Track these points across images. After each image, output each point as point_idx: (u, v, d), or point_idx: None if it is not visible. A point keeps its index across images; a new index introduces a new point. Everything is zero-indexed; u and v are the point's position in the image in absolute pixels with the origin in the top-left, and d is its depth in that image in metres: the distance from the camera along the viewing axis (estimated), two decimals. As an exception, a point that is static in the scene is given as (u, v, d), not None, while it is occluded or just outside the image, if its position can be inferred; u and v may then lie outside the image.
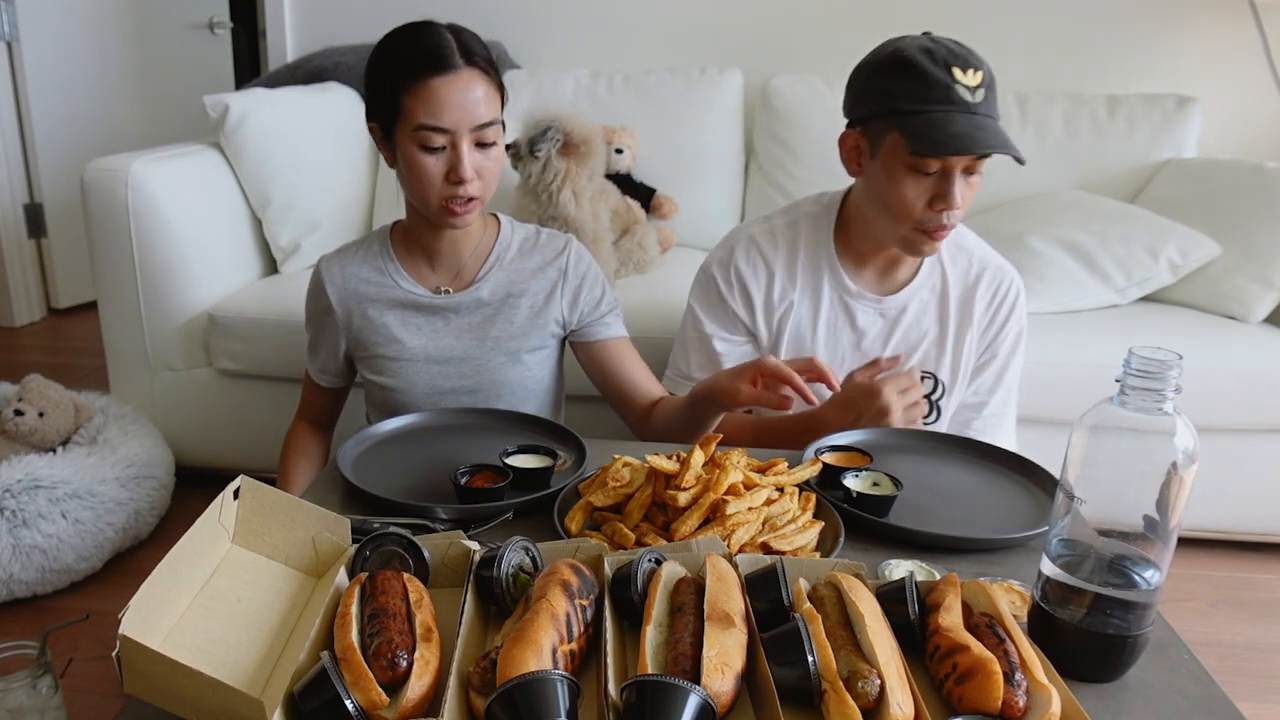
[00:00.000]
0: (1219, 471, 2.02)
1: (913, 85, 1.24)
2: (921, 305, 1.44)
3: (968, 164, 1.25)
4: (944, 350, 1.45)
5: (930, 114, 1.23)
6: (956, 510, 1.09)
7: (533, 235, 1.47)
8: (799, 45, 2.84)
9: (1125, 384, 0.76)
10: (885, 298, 1.44)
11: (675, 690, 0.65)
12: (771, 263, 1.46)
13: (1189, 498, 0.76)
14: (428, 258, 1.42)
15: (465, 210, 1.30)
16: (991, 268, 1.45)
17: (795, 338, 1.47)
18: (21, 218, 3.35)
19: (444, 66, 1.24)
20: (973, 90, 1.23)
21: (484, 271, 1.42)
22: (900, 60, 1.26)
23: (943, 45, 1.27)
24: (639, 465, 1.05)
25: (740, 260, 1.47)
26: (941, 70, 1.24)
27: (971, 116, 1.23)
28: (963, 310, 1.44)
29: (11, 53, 3.24)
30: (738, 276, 1.47)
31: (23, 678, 1.02)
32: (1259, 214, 2.20)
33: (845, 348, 1.46)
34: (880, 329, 1.45)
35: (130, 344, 2.15)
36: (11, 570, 1.75)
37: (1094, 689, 0.79)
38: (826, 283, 1.44)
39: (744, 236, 1.49)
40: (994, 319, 1.45)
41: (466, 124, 1.25)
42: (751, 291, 1.46)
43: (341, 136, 2.52)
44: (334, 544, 0.88)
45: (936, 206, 1.28)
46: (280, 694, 0.66)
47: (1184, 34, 2.73)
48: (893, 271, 1.44)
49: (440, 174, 1.27)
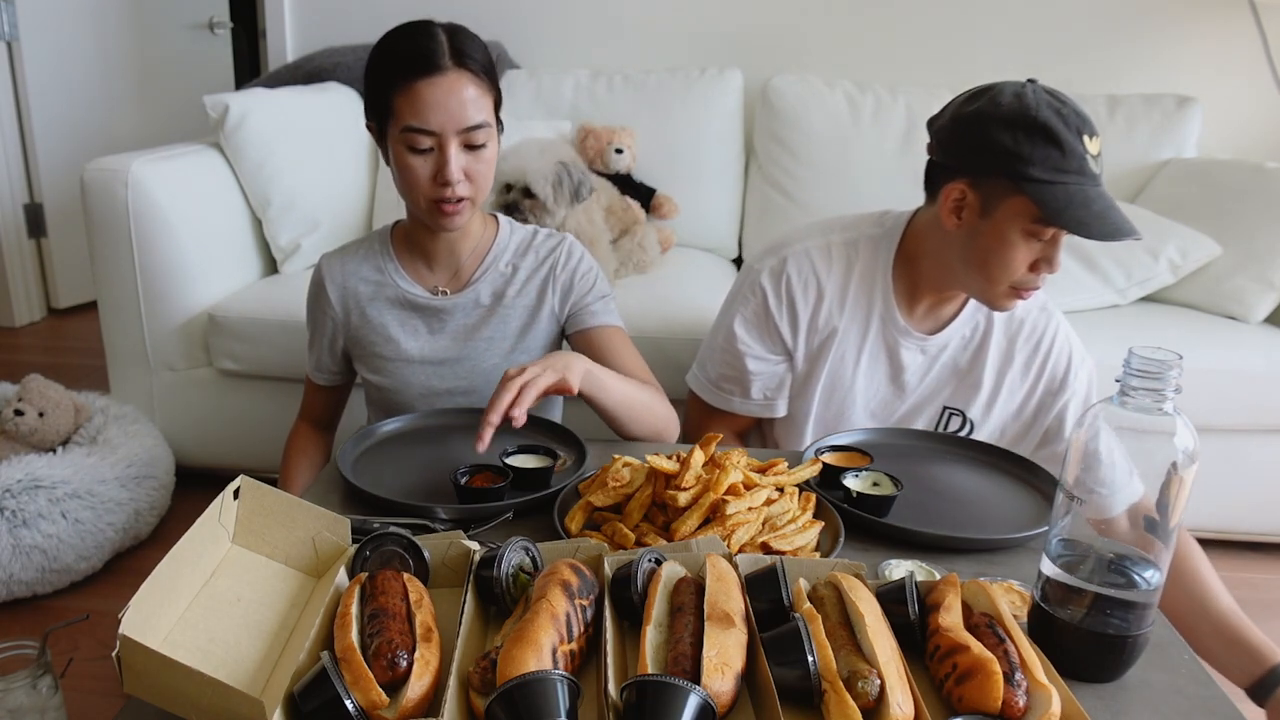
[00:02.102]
0: (1219, 471, 2.02)
1: (1049, 153, 1.17)
2: (962, 342, 1.41)
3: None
4: (978, 388, 1.41)
5: (1068, 186, 1.17)
6: (956, 510, 1.10)
7: (529, 236, 1.47)
8: (799, 45, 2.84)
9: (1125, 384, 0.76)
10: (930, 336, 1.40)
11: (675, 690, 0.65)
12: (824, 282, 1.39)
13: (1189, 498, 0.76)
14: (425, 258, 1.42)
15: (454, 211, 1.30)
16: (1035, 311, 1.41)
17: (835, 364, 1.42)
18: (21, 218, 3.35)
19: (431, 68, 1.23)
20: (1097, 160, 1.19)
21: (480, 273, 1.42)
22: (1034, 123, 1.17)
23: (1070, 108, 1.20)
24: (639, 465, 1.05)
25: (793, 273, 1.40)
26: (1076, 139, 1.17)
27: (1101, 191, 1.19)
28: (1006, 350, 1.41)
29: (11, 53, 3.24)
30: (788, 291, 1.40)
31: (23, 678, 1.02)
32: (1259, 214, 2.20)
33: (881, 379, 1.43)
34: (920, 364, 1.41)
35: (130, 344, 2.15)
36: (11, 570, 1.75)
37: (1094, 689, 0.79)
38: (876, 314, 1.39)
39: (800, 249, 1.41)
40: (1049, 362, 1.41)
41: (453, 126, 1.24)
42: (799, 309, 1.40)
43: (341, 136, 2.52)
44: (334, 544, 0.88)
45: (1039, 269, 1.25)
46: (280, 694, 0.66)
47: (1184, 34, 2.73)
48: (940, 309, 1.40)
49: (428, 175, 1.27)
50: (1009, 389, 1.41)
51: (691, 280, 2.30)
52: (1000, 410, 1.43)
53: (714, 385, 1.48)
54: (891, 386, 1.43)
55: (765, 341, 1.43)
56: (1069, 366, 1.41)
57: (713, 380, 1.49)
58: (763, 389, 1.46)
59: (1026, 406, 1.43)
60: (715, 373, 1.48)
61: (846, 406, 1.44)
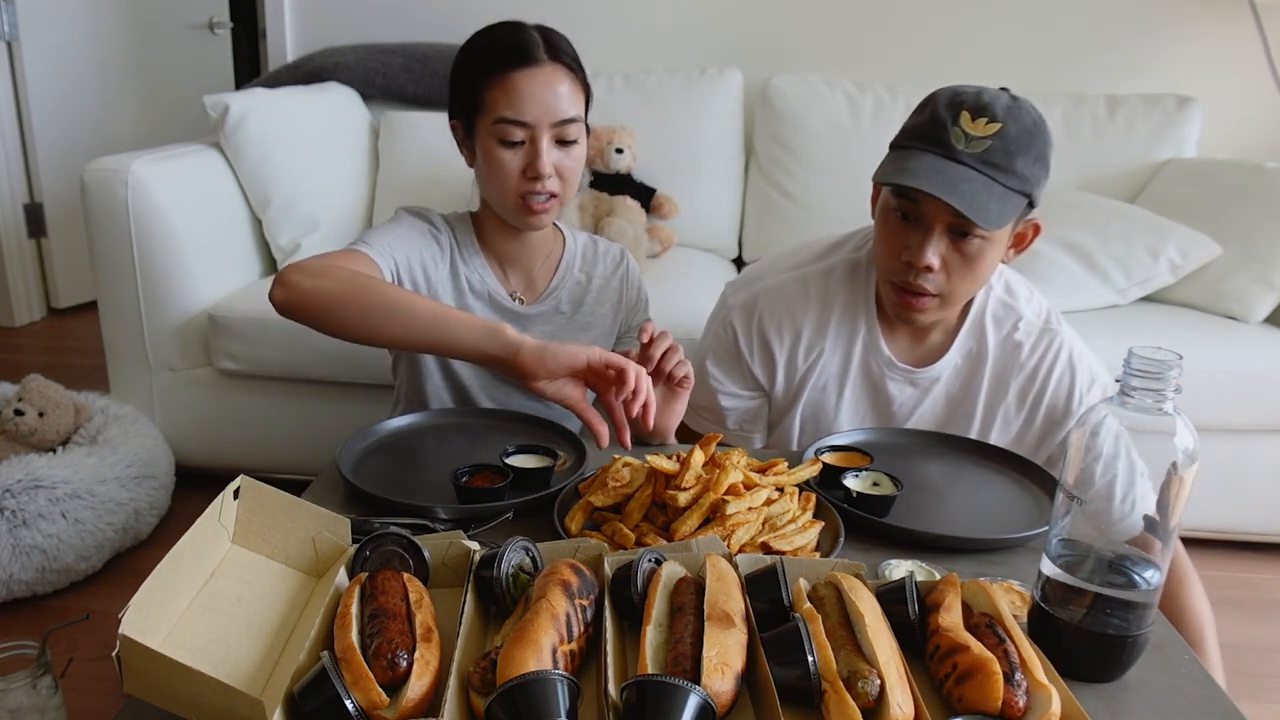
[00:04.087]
0: (1219, 471, 2.02)
1: (918, 121, 1.15)
2: (955, 372, 1.32)
3: (949, 222, 1.13)
4: (971, 419, 1.32)
5: (910, 149, 1.14)
6: (956, 510, 1.10)
7: (590, 244, 1.47)
8: (799, 45, 2.84)
9: (1125, 384, 0.76)
10: (919, 369, 1.31)
11: (675, 690, 0.65)
12: (800, 322, 1.33)
13: (1189, 498, 0.76)
14: (501, 262, 1.40)
15: (543, 208, 1.28)
16: (1035, 333, 1.30)
17: (816, 396, 1.35)
18: (21, 218, 3.35)
19: (528, 60, 1.23)
20: (969, 139, 1.10)
21: (557, 281, 1.41)
22: (927, 98, 1.16)
23: (976, 93, 1.14)
24: (639, 465, 1.05)
25: (765, 312, 1.34)
26: (948, 112, 1.12)
27: (946, 163, 1.10)
28: (999, 377, 1.31)
29: (11, 53, 3.24)
30: (760, 336, 1.34)
31: (23, 678, 1.02)
32: (1259, 214, 2.20)
33: (867, 410, 1.36)
34: (910, 396, 1.33)
35: (130, 344, 2.15)
36: (11, 570, 1.75)
37: (1094, 689, 0.79)
38: (860, 344, 1.32)
39: (773, 284, 1.35)
40: (1048, 388, 1.30)
41: (547, 119, 1.23)
42: (773, 349, 1.34)
43: (341, 136, 2.52)
44: (334, 544, 0.88)
45: (904, 257, 1.17)
46: (280, 694, 0.66)
47: (1184, 34, 2.73)
48: (927, 336, 1.31)
49: (518, 169, 1.25)
50: (1002, 421, 1.32)
51: (691, 280, 2.29)
52: (994, 436, 1.33)
53: (692, 410, 1.42)
54: (877, 418, 1.35)
55: (737, 379, 1.39)
56: (1071, 393, 1.30)
57: (691, 406, 1.42)
58: (738, 421, 1.42)
59: (1025, 438, 1.33)
60: (693, 400, 1.38)
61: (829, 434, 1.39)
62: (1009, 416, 1.32)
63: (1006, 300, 1.33)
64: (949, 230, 1.14)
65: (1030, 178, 1.13)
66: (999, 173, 1.10)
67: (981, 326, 1.31)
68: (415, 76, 2.66)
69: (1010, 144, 1.10)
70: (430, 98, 2.66)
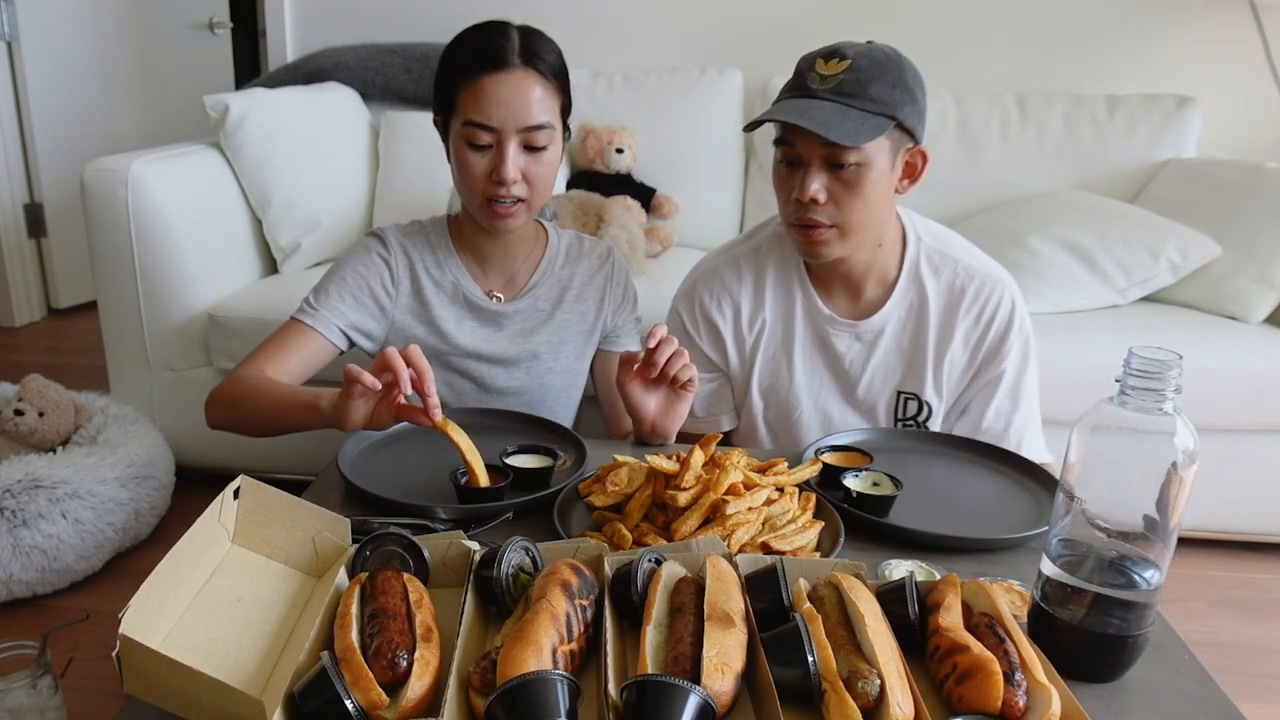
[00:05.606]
0: (1219, 471, 2.02)
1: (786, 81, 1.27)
2: (899, 325, 1.38)
3: (823, 154, 1.21)
4: (924, 370, 1.38)
5: (778, 101, 1.24)
6: (956, 510, 1.09)
7: (575, 241, 1.49)
8: (799, 45, 2.81)
9: (1125, 384, 0.76)
10: (859, 321, 1.37)
11: (675, 690, 0.65)
12: (737, 295, 1.41)
13: (1189, 498, 0.76)
14: (479, 261, 1.41)
15: (508, 213, 1.28)
16: (979, 278, 1.36)
17: (769, 363, 1.42)
18: (21, 218, 3.35)
19: (497, 64, 1.23)
20: (823, 78, 1.20)
21: (536, 279, 1.43)
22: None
23: (832, 45, 1.24)
24: (638, 466, 1.05)
25: (704, 296, 1.42)
26: (805, 63, 1.24)
27: (807, 100, 1.20)
28: (944, 327, 1.36)
29: (11, 53, 3.24)
30: (704, 315, 1.42)
31: (23, 678, 1.02)
32: (1259, 214, 2.20)
33: (822, 373, 1.42)
34: (858, 352, 1.39)
35: (130, 344, 2.15)
36: (11, 570, 1.75)
37: (1094, 689, 0.79)
38: (799, 306, 1.40)
39: (706, 269, 1.44)
40: (987, 334, 1.36)
41: (514, 124, 1.24)
42: (720, 328, 1.42)
43: (341, 137, 2.52)
44: (334, 544, 0.88)
45: (793, 196, 1.25)
46: (280, 694, 0.66)
47: (1184, 34, 2.73)
48: (861, 290, 1.37)
49: (484, 172, 1.26)
50: (950, 364, 1.37)
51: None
52: (948, 390, 1.39)
53: None
54: (833, 378, 1.41)
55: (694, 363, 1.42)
56: (1006, 335, 1.36)
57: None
58: (704, 407, 1.48)
59: (965, 381, 1.39)
60: None
61: (793, 406, 1.43)
62: (955, 359, 1.38)
63: (940, 249, 1.38)
64: (826, 164, 1.22)
65: (889, 101, 1.20)
66: (851, 99, 1.19)
67: (918, 277, 1.37)
68: (415, 76, 2.66)
69: (861, 75, 1.19)
70: (430, 98, 2.65)
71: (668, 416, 1.21)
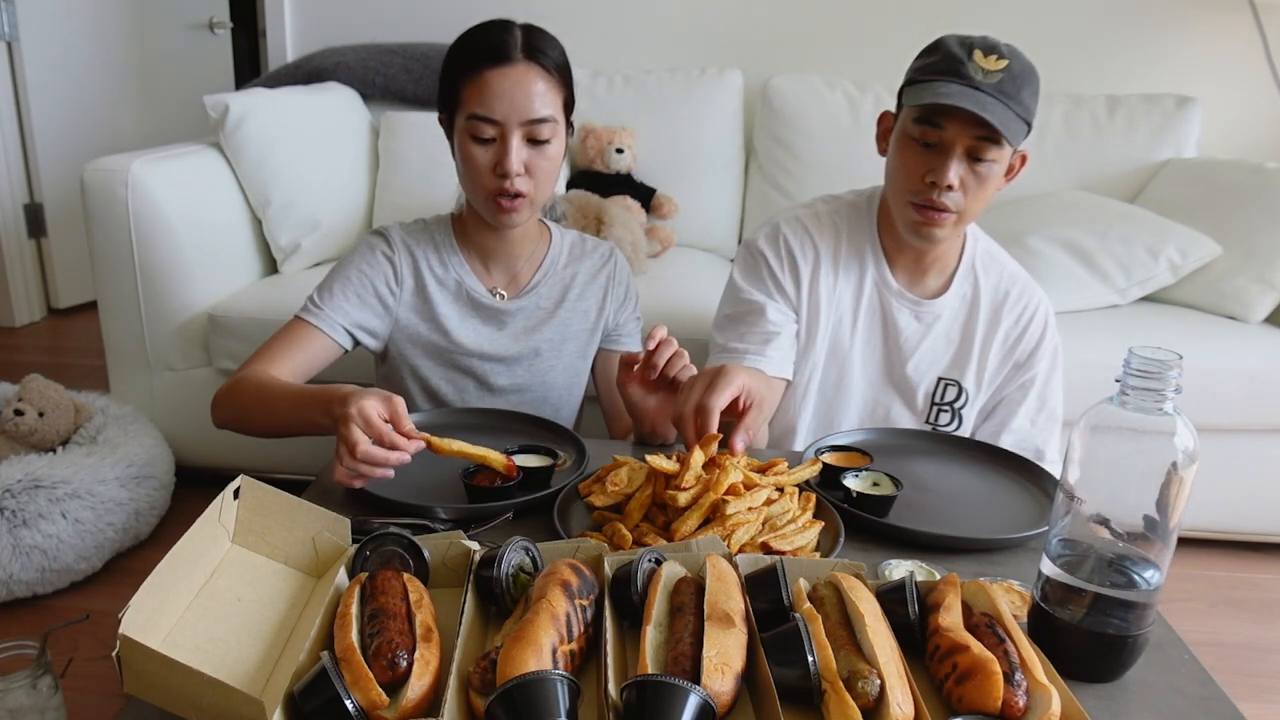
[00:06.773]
0: (1219, 471, 2.02)
1: (933, 60, 1.27)
2: (953, 314, 1.43)
3: (969, 145, 1.24)
4: (969, 359, 1.43)
5: (933, 81, 1.25)
6: (956, 510, 1.09)
7: (578, 240, 1.50)
8: (799, 45, 2.84)
9: (1125, 384, 0.76)
10: (924, 301, 1.42)
11: (675, 690, 0.65)
12: (819, 244, 1.43)
13: (1189, 497, 0.76)
14: (483, 258, 1.42)
15: (512, 207, 1.29)
16: (1021, 283, 1.44)
17: (834, 327, 1.43)
18: (21, 218, 3.35)
19: (501, 58, 1.24)
20: (987, 73, 1.23)
21: (540, 277, 1.43)
22: (933, 44, 1.30)
23: (980, 36, 1.29)
24: (638, 466, 1.05)
25: (789, 233, 1.43)
26: (959, 48, 1.26)
27: (971, 90, 1.22)
28: (991, 320, 1.43)
29: (11, 53, 3.24)
30: (788, 250, 1.42)
31: (23, 678, 1.02)
32: (1259, 214, 2.20)
33: (877, 343, 1.44)
34: (915, 330, 1.43)
35: (130, 344, 2.15)
36: (11, 570, 1.75)
37: (1094, 689, 0.79)
38: (870, 275, 1.42)
39: (790, 216, 1.46)
40: (1024, 336, 1.43)
41: (517, 117, 1.25)
42: (800, 267, 1.42)
43: (341, 136, 2.52)
44: (334, 544, 0.88)
45: (928, 179, 1.27)
46: (280, 694, 0.66)
47: (1184, 34, 2.73)
48: (924, 275, 1.42)
49: (488, 166, 1.27)
50: (994, 356, 1.43)
51: (691, 280, 2.29)
52: (988, 379, 1.44)
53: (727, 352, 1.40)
54: (886, 351, 1.44)
55: (776, 299, 1.43)
56: (1041, 342, 1.43)
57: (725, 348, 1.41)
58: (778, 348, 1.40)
59: (999, 377, 1.45)
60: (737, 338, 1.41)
61: (846, 373, 1.44)
62: (996, 352, 1.44)
63: (990, 251, 1.47)
64: (967, 153, 1.26)
65: (1031, 107, 1.27)
66: (1011, 101, 1.24)
67: (974, 271, 1.44)
68: (415, 76, 2.66)
69: (1016, 77, 1.24)
70: (430, 98, 2.64)
71: (667, 417, 1.22)
